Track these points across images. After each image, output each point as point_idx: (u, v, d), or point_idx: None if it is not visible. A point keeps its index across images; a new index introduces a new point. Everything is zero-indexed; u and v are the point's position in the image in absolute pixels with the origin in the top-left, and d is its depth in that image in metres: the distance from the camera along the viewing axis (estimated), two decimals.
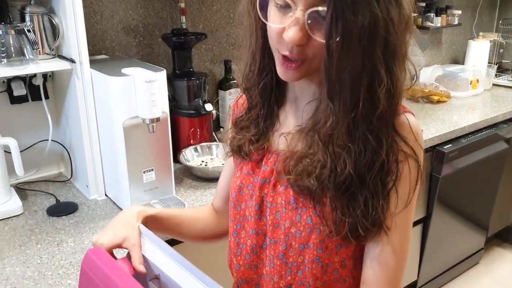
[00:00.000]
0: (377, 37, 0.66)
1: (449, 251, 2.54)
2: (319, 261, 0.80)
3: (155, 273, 0.82)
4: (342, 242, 0.78)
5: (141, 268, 0.79)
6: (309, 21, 0.68)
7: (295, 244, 0.81)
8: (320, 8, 0.66)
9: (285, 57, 0.72)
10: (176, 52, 1.80)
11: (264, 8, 0.74)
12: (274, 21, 0.72)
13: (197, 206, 1.49)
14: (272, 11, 0.72)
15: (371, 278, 0.79)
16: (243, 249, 0.90)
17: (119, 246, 0.82)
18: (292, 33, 0.68)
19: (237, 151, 0.90)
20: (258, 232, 0.87)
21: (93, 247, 0.83)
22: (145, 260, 0.83)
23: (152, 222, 0.90)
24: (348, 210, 0.74)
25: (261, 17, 0.74)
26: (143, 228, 0.86)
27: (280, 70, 0.75)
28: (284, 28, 0.70)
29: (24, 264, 1.22)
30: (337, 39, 0.65)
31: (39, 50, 1.46)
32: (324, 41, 0.67)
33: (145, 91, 1.33)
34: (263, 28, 0.76)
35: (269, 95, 0.86)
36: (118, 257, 0.84)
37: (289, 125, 0.85)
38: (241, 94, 0.95)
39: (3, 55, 1.35)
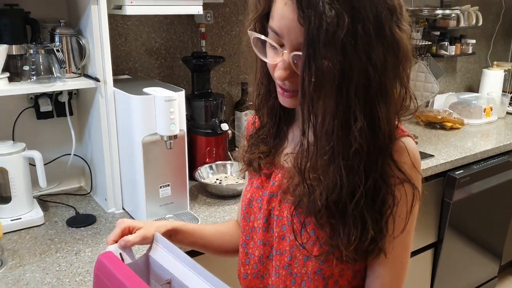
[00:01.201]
0: (351, 81, 0.69)
1: (461, 278, 2.53)
2: (321, 273, 0.84)
3: (166, 278, 0.87)
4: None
5: (124, 238, 0.87)
6: (295, 61, 0.73)
7: (299, 255, 0.86)
8: (300, 53, 0.70)
9: (281, 87, 0.78)
10: (196, 74, 1.88)
11: (263, 46, 0.80)
12: (269, 58, 0.78)
13: (220, 223, 1.54)
14: (267, 49, 0.78)
15: None
16: (251, 259, 0.95)
17: (134, 228, 0.90)
18: (279, 73, 0.75)
19: (248, 165, 0.95)
20: (265, 243, 0.92)
21: (116, 225, 0.89)
22: (158, 266, 0.88)
23: (176, 234, 0.96)
24: (329, 239, 0.78)
25: (258, 54, 0.79)
26: (158, 235, 0.91)
27: (280, 98, 0.81)
28: (276, 65, 0.75)
29: (43, 271, 1.28)
30: (311, 81, 0.69)
31: (66, 69, 1.54)
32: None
33: (164, 109, 1.40)
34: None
35: (277, 115, 0.91)
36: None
37: (295, 143, 0.91)
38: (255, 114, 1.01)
39: (33, 72, 1.44)
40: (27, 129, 1.69)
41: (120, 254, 0.90)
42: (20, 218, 1.51)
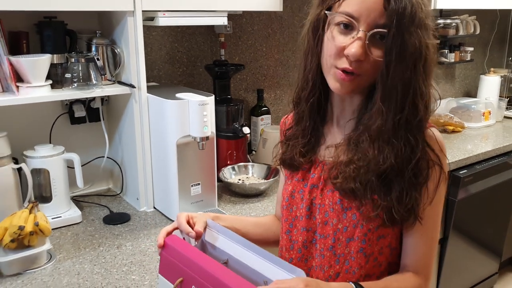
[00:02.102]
0: (420, 57, 0.86)
1: (465, 274, 2.65)
2: (363, 251, 0.95)
3: (223, 259, 0.97)
4: (381, 233, 0.94)
5: (196, 229, 0.97)
6: (367, 42, 0.86)
7: (342, 238, 0.97)
8: (381, 30, 0.85)
9: (342, 72, 0.89)
10: (217, 81, 2.00)
11: (321, 35, 0.93)
12: (338, 41, 0.89)
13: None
14: (335, 32, 0.90)
15: (408, 263, 0.96)
16: (295, 245, 1.05)
17: (191, 218, 1.00)
18: (355, 48, 0.86)
19: (290, 162, 1.06)
20: (308, 229, 1.03)
21: (177, 218, 0.99)
22: (214, 248, 0.99)
23: (220, 222, 1.07)
24: (385, 196, 0.90)
25: (325, 37, 0.92)
26: (210, 222, 1.02)
27: (336, 85, 0.92)
28: (345, 46, 0.88)
29: (90, 262, 1.38)
30: (394, 55, 0.84)
31: (102, 76, 1.65)
32: (378, 59, 0.86)
33: (198, 112, 1.52)
34: (319, 52, 0.94)
35: (316, 111, 1.03)
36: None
37: (332, 139, 1.02)
38: (286, 116, 1.14)
39: (75, 80, 1.55)
40: (62, 134, 1.79)
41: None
42: (60, 217, 1.61)
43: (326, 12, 0.91)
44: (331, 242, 0.99)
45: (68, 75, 1.56)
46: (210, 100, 1.56)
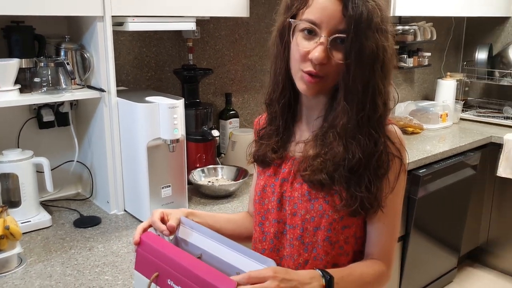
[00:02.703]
0: (378, 58, 0.94)
1: (426, 269, 2.77)
2: (328, 240, 1.02)
3: (197, 254, 1.01)
4: (345, 223, 1.01)
5: (169, 224, 1.01)
6: (329, 46, 0.93)
7: (310, 227, 1.03)
8: (341, 35, 0.92)
9: (308, 75, 0.96)
10: (186, 85, 2.04)
11: (287, 41, 1.00)
12: (302, 46, 0.96)
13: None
14: (299, 38, 0.97)
15: (372, 251, 1.05)
16: (267, 236, 1.11)
17: (166, 215, 1.04)
18: (318, 52, 0.94)
19: (262, 159, 1.12)
20: (279, 221, 1.09)
21: (152, 215, 1.03)
22: (187, 244, 1.03)
23: (194, 218, 1.11)
24: (357, 187, 0.97)
25: (291, 43, 0.99)
26: (184, 219, 1.05)
27: (303, 87, 0.99)
28: (309, 51, 0.95)
29: (62, 265, 1.39)
30: (353, 57, 0.92)
31: (72, 81, 1.67)
32: (340, 62, 0.93)
33: (168, 115, 1.55)
34: (286, 56, 1.01)
35: (287, 111, 1.10)
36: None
37: (302, 136, 1.09)
38: (260, 116, 1.21)
39: (44, 84, 1.56)
40: (30, 138, 1.79)
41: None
42: (30, 221, 1.61)
43: (290, 20, 0.98)
44: (299, 232, 1.05)
45: (37, 80, 1.57)
46: (180, 103, 1.60)
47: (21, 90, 1.58)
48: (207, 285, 0.83)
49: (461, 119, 3.29)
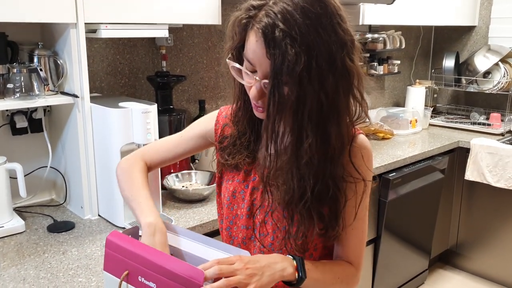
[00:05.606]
0: (305, 107, 0.88)
1: (397, 271, 2.83)
2: (298, 248, 1.05)
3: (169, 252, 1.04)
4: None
5: None
6: (265, 86, 0.91)
7: (280, 236, 1.06)
8: (267, 81, 0.89)
9: (255, 104, 0.98)
10: (159, 92, 2.07)
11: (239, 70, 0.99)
12: (245, 80, 0.96)
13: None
14: (243, 72, 0.97)
15: (341, 254, 1.09)
16: (235, 240, 1.14)
17: None
18: (253, 94, 0.94)
19: (234, 166, 1.12)
20: (248, 227, 1.11)
21: None
22: None
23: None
24: (320, 220, 0.99)
25: (236, 78, 0.98)
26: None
27: (255, 111, 1.00)
28: (250, 86, 0.95)
29: (36, 268, 1.40)
30: (274, 104, 0.88)
31: (45, 87, 1.68)
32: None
33: (141, 120, 1.58)
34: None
35: (255, 123, 1.09)
36: None
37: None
38: (228, 107, 1.18)
39: (17, 90, 1.57)
40: (2, 145, 1.79)
41: None
42: (3, 227, 1.61)
43: (232, 53, 0.98)
44: (270, 240, 1.07)
45: (10, 86, 1.58)
46: (153, 108, 1.63)
47: None
48: (176, 277, 0.86)
49: (430, 125, 3.40)
